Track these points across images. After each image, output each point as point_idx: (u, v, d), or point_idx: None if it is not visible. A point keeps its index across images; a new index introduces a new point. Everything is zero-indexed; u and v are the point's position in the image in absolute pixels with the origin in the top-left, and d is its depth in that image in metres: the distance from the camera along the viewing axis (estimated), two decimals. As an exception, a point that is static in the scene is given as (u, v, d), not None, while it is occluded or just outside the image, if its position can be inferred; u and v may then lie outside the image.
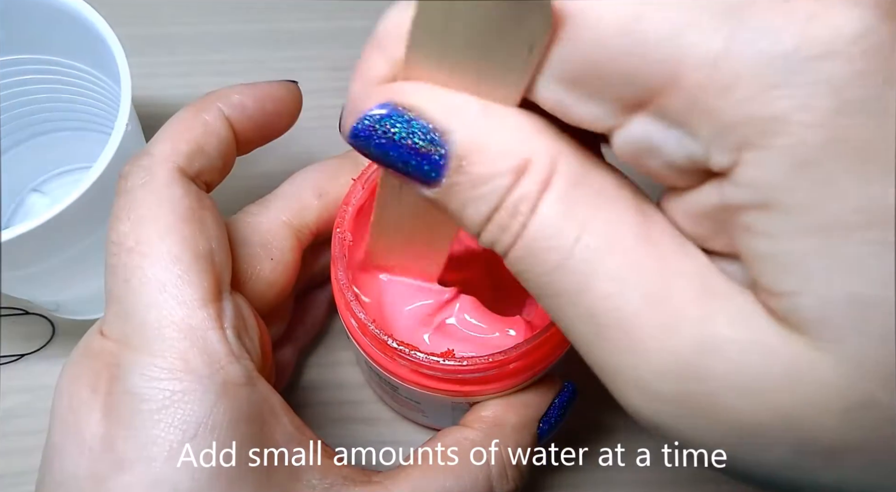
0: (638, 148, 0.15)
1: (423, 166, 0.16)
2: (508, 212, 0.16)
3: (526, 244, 0.16)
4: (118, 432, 0.19)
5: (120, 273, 0.21)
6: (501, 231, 0.16)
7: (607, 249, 0.15)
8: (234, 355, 0.21)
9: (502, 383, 0.24)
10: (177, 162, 0.22)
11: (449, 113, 0.16)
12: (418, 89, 0.16)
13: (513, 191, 0.16)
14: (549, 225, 0.15)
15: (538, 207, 0.16)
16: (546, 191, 0.16)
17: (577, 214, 0.15)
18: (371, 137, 0.17)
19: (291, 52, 0.38)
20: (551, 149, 0.16)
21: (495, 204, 0.16)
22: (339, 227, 0.24)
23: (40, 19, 0.28)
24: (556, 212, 0.15)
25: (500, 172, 0.16)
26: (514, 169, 0.16)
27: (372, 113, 0.16)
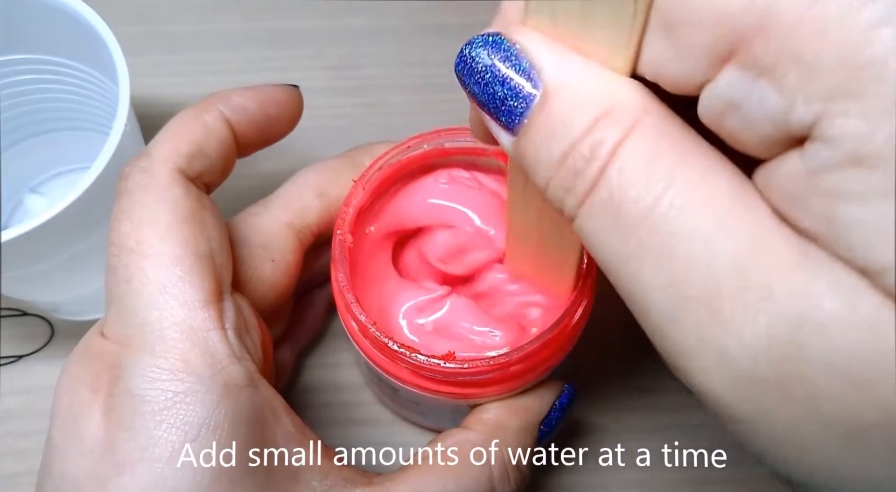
0: (722, 105, 0.14)
1: (510, 101, 0.16)
2: (584, 155, 0.15)
3: (602, 195, 0.14)
4: (119, 434, 0.19)
5: (120, 274, 0.21)
6: (575, 177, 0.15)
7: (697, 206, 0.14)
8: (236, 356, 0.21)
9: (503, 386, 0.24)
10: (177, 163, 0.22)
11: (549, 53, 0.16)
12: (531, 33, 0.16)
13: (592, 132, 0.15)
14: (631, 173, 0.14)
15: (619, 151, 0.14)
16: (630, 136, 0.14)
17: (663, 166, 0.14)
18: (475, 59, 0.16)
19: (291, 51, 0.38)
20: (642, 100, 0.15)
21: (571, 143, 0.15)
22: (339, 228, 0.24)
23: (38, 19, 0.28)
24: (640, 159, 0.14)
25: (583, 112, 0.15)
26: (599, 113, 0.15)
27: (483, 36, 0.16)
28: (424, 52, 0.38)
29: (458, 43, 0.17)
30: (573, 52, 0.16)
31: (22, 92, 0.31)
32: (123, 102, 0.25)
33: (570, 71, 0.15)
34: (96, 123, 0.32)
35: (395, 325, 0.25)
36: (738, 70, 0.14)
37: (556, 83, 0.15)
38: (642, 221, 0.14)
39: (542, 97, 0.15)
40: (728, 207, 0.14)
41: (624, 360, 0.32)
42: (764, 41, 0.13)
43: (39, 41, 0.29)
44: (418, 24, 0.39)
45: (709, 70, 0.14)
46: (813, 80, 0.12)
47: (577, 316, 0.23)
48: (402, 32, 0.39)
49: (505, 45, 0.16)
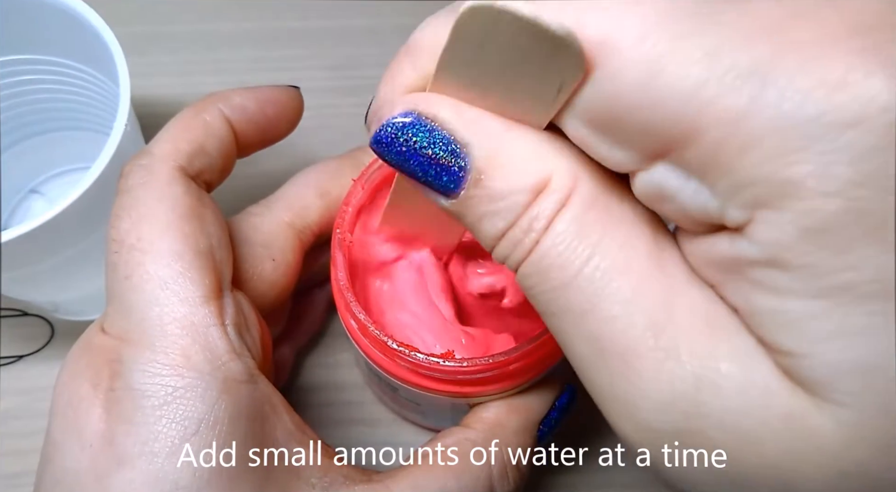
0: (656, 193, 0.15)
1: (442, 178, 0.16)
2: (523, 229, 0.16)
3: (537, 260, 0.16)
4: (119, 428, 0.19)
5: (121, 270, 0.21)
6: (514, 246, 0.16)
7: (617, 271, 0.15)
8: (236, 352, 0.21)
9: (502, 385, 0.24)
10: (177, 161, 0.22)
11: (471, 126, 0.16)
12: (443, 101, 0.16)
13: (530, 208, 0.16)
14: (560, 243, 0.15)
15: (553, 225, 0.16)
16: (563, 210, 0.16)
17: (590, 235, 0.15)
18: (392, 144, 0.17)
19: (291, 51, 0.38)
20: (572, 169, 0.16)
21: (511, 221, 0.16)
22: (338, 227, 0.24)
23: (39, 19, 0.28)
24: (569, 230, 0.15)
25: (518, 189, 0.16)
26: (533, 187, 0.16)
27: (395, 120, 0.17)
28: (424, 52, 0.38)
29: None
30: (493, 118, 0.16)
31: (22, 92, 0.31)
32: (124, 102, 0.26)
33: (500, 143, 0.16)
34: (97, 123, 0.32)
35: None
36: (670, 167, 0.15)
37: (488, 160, 0.16)
38: (568, 284, 0.15)
39: (475, 173, 0.16)
40: (646, 273, 0.15)
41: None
42: (693, 151, 0.14)
43: (40, 41, 0.29)
44: (418, 24, 0.39)
45: (639, 164, 0.15)
46: (741, 191, 0.14)
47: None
48: (402, 32, 0.38)
49: (424, 126, 0.16)
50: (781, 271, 0.14)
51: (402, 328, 0.25)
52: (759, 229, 0.14)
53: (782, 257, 0.13)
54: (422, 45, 0.17)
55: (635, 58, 0.14)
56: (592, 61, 0.14)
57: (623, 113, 0.14)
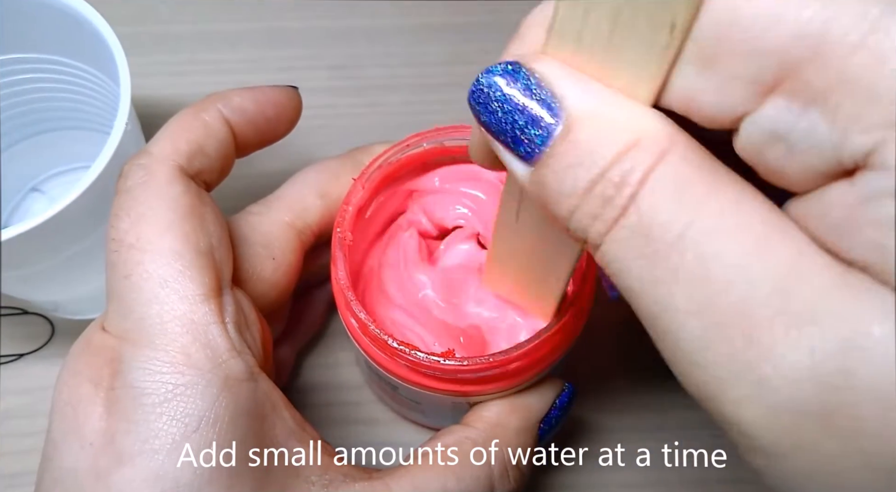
0: (765, 137, 0.14)
1: (531, 130, 0.15)
2: (615, 182, 0.14)
3: (632, 222, 0.14)
4: (119, 426, 0.19)
5: (120, 269, 0.21)
6: (604, 204, 0.14)
7: (730, 231, 0.13)
8: (236, 350, 0.21)
9: (502, 384, 0.24)
10: (177, 161, 0.22)
11: (571, 82, 0.15)
12: (548, 59, 0.16)
13: (622, 159, 0.14)
14: (662, 199, 0.14)
15: (649, 178, 0.14)
16: (659, 164, 0.14)
17: (695, 192, 0.14)
18: (491, 88, 0.16)
19: (291, 51, 0.38)
20: (668, 130, 0.14)
21: (599, 171, 0.14)
22: (339, 227, 0.24)
23: (39, 18, 0.28)
24: (670, 186, 0.14)
25: (610, 140, 0.14)
26: (627, 141, 0.14)
27: (497, 68, 0.16)
28: (424, 52, 0.38)
29: (459, 43, 0.17)
30: (595, 82, 0.15)
31: (23, 91, 0.31)
32: (124, 102, 0.26)
33: (594, 100, 0.15)
34: (97, 123, 0.32)
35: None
36: (785, 100, 0.13)
37: (580, 112, 0.15)
38: (674, 245, 0.14)
39: (565, 127, 0.15)
40: (763, 233, 0.13)
41: (624, 359, 0.32)
42: (816, 69, 0.13)
43: (40, 41, 0.29)
44: (418, 24, 0.39)
45: (751, 102, 0.14)
46: (871, 109, 0.12)
47: (576, 313, 0.23)
48: (402, 32, 0.39)
49: (524, 73, 0.15)
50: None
51: (399, 328, 0.25)
52: (891, 152, 0.12)
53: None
54: (531, 26, 0.16)
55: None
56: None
57: (740, 38, 0.13)
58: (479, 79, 0.16)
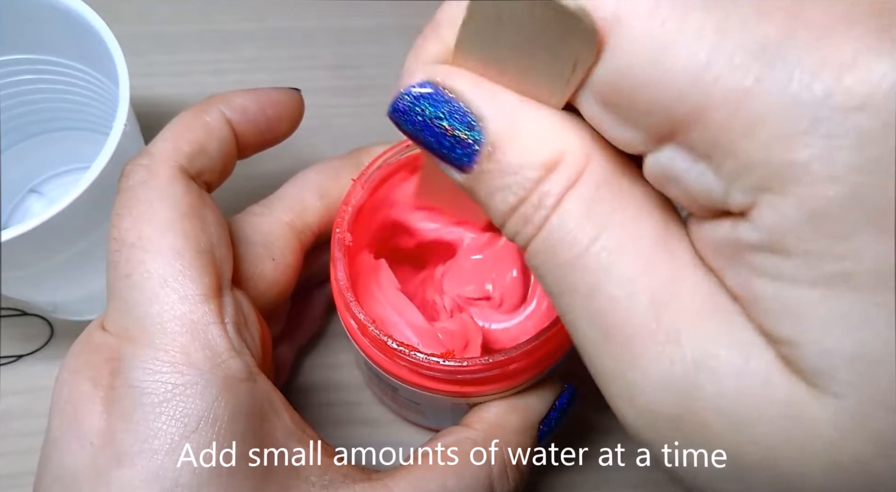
0: (664, 175, 0.15)
1: (456, 150, 0.16)
2: (533, 204, 0.16)
3: (545, 238, 0.16)
4: (119, 426, 0.19)
5: (121, 269, 0.21)
6: (524, 223, 0.16)
7: (623, 251, 0.15)
8: (235, 350, 0.21)
9: (502, 384, 0.24)
10: (178, 161, 0.22)
11: (487, 100, 0.16)
12: (462, 74, 0.16)
13: (541, 184, 0.16)
14: (569, 221, 0.15)
15: (562, 202, 0.15)
16: (573, 188, 0.15)
17: (599, 214, 0.15)
18: (409, 113, 0.17)
19: (291, 51, 0.38)
20: (586, 147, 0.16)
21: (522, 196, 0.16)
22: (338, 227, 0.24)
23: (38, 19, 0.28)
24: (578, 209, 0.15)
25: (530, 165, 0.16)
26: (546, 163, 0.16)
27: (413, 90, 0.17)
28: (424, 52, 0.38)
29: None
30: (509, 93, 0.16)
31: (22, 92, 0.31)
32: (123, 102, 0.25)
33: (513, 118, 0.16)
34: (96, 123, 0.32)
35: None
36: (678, 149, 0.14)
37: (502, 133, 0.16)
38: (575, 263, 0.15)
39: (488, 147, 0.16)
40: (652, 254, 0.15)
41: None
42: (700, 131, 0.14)
43: (39, 41, 0.29)
44: (418, 24, 0.39)
45: (648, 146, 0.15)
46: (744, 174, 0.13)
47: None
48: (402, 32, 0.39)
49: (441, 97, 0.16)
50: (782, 257, 0.13)
51: (387, 327, 0.25)
52: (762, 213, 0.13)
53: (783, 243, 0.13)
54: (444, 19, 0.17)
55: (645, 33, 0.14)
56: (605, 37, 0.14)
57: (633, 90, 0.14)
58: (397, 101, 0.17)
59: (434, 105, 0.16)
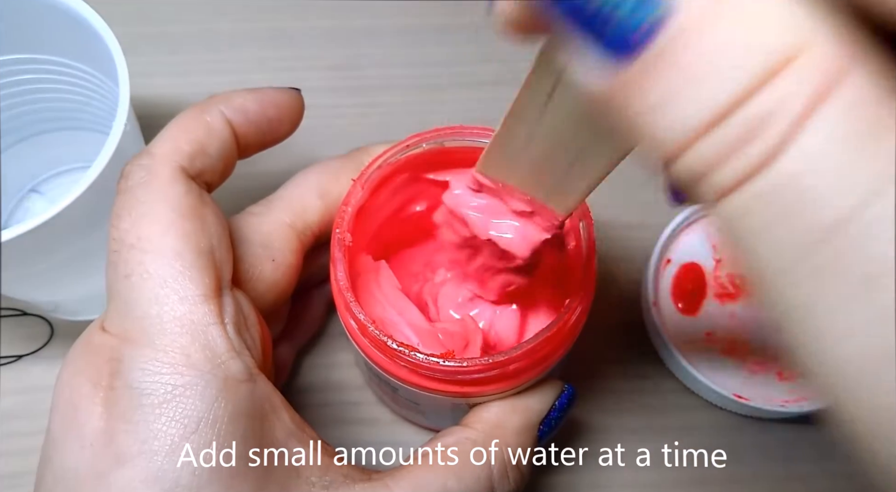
0: None
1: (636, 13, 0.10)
2: (756, 118, 0.10)
3: (775, 182, 0.10)
4: (119, 427, 0.19)
5: (121, 269, 0.21)
6: (733, 150, 0.10)
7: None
8: (235, 351, 0.21)
9: (502, 385, 0.24)
10: (178, 161, 0.22)
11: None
12: None
13: (769, 87, 0.10)
14: (827, 155, 0.10)
15: (810, 122, 0.10)
16: (826, 101, 0.10)
17: (877, 154, 0.10)
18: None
19: (291, 51, 0.38)
20: (845, 42, 0.10)
21: (735, 98, 0.10)
22: (338, 227, 0.24)
23: (38, 19, 0.28)
24: (840, 139, 0.10)
25: (755, 55, 0.10)
26: (780, 58, 0.10)
27: None
28: (424, 52, 0.38)
29: (459, 43, 0.16)
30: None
31: (22, 92, 0.31)
32: (123, 102, 0.25)
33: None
34: (96, 123, 0.32)
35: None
36: None
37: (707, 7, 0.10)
38: (836, 231, 0.10)
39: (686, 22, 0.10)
40: None
41: (624, 360, 0.32)
42: None
43: (40, 41, 0.29)
44: (418, 24, 0.39)
45: None
46: None
47: (575, 314, 0.23)
48: (402, 32, 0.39)
49: None
50: None
51: (387, 327, 0.25)
52: None
53: None
54: None
55: None
56: None
57: None
58: None
59: None
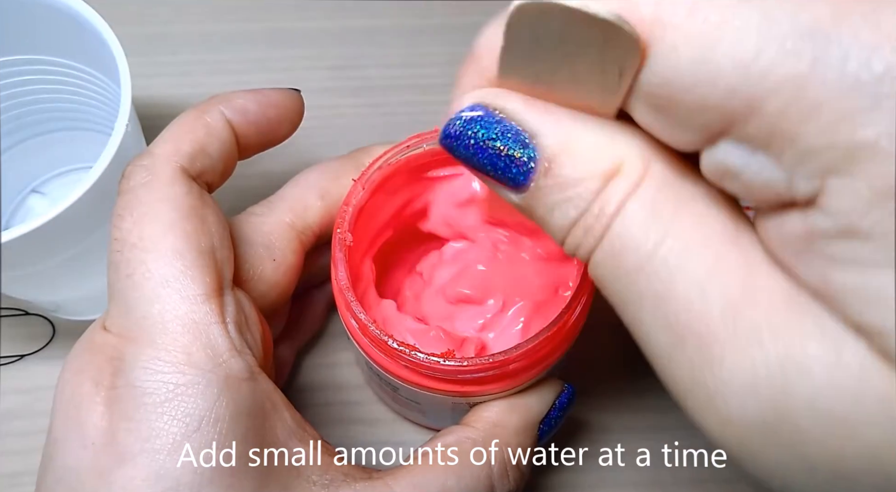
0: (722, 171, 0.15)
1: (511, 170, 0.16)
2: (594, 214, 0.15)
3: (609, 246, 0.15)
4: (121, 425, 0.19)
5: (122, 269, 0.21)
6: (585, 234, 0.16)
7: (692, 252, 0.15)
8: (236, 350, 0.21)
9: (502, 384, 0.24)
10: (179, 162, 0.22)
11: (539, 116, 0.16)
12: (511, 94, 0.16)
13: (602, 194, 0.15)
14: (633, 225, 0.15)
15: (624, 208, 0.15)
16: (634, 193, 0.15)
17: (663, 216, 0.15)
18: (461, 137, 0.17)
19: (291, 51, 0.38)
20: (644, 153, 0.15)
21: (583, 208, 0.15)
22: (339, 227, 0.25)
23: (40, 19, 0.28)
24: (641, 213, 0.15)
25: (589, 176, 0.15)
26: (605, 173, 0.15)
27: (463, 114, 0.17)
28: (424, 52, 0.38)
29: (459, 43, 0.17)
30: (561, 108, 0.16)
31: (23, 92, 0.31)
32: (125, 102, 0.26)
33: (567, 131, 0.16)
34: (98, 123, 0.32)
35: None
36: (733, 144, 0.14)
37: (557, 147, 0.16)
38: (642, 268, 0.15)
39: (544, 162, 0.16)
40: (722, 252, 0.14)
41: (624, 360, 0.32)
42: (756, 124, 0.13)
43: (40, 41, 0.29)
44: (418, 24, 0.39)
45: (702, 143, 0.15)
46: (808, 160, 0.13)
47: (575, 314, 0.23)
48: (402, 32, 0.39)
49: (492, 118, 0.16)
50: (859, 242, 0.13)
51: (386, 326, 0.26)
52: (831, 198, 0.13)
53: (858, 226, 0.13)
54: (483, 50, 0.17)
55: (687, 33, 0.13)
56: (647, 42, 0.14)
57: (682, 91, 0.14)
58: (448, 126, 0.17)
59: (486, 127, 0.16)
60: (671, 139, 0.15)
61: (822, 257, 0.13)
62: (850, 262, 0.13)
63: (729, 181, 0.15)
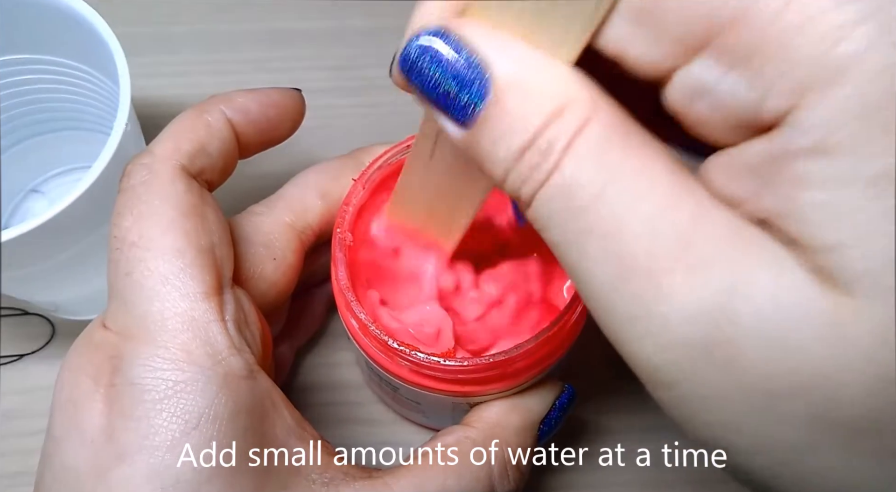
0: (692, 91, 0.15)
1: (461, 97, 0.16)
2: (541, 150, 0.15)
3: (556, 184, 0.15)
4: (120, 423, 0.19)
5: (122, 267, 0.21)
6: (531, 170, 0.16)
7: (642, 190, 0.15)
8: (236, 348, 0.21)
9: (503, 384, 0.24)
10: (179, 160, 0.22)
11: (496, 47, 0.16)
12: (473, 22, 0.16)
13: (549, 128, 0.15)
14: (583, 164, 0.15)
15: (573, 145, 0.15)
16: (582, 132, 0.15)
17: (612, 156, 0.15)
18: (419, 59, 0.17)
19: (291, 52, 0.38)
20: (593, 97, 0.16)
21: (528, 140, 0.15)
22: (339, 227, 0.25)
23: (39, 19, 0.28)
24: (591, 151, 0.15)
25: (537, 110, 0.15)
26: (553, 110, 0.15)
27: (423, 36, 0.17)
28: (425, 52, 0.38)
29: None
30: (519, 43, 0.16)
31: (23, 92, 0.31)
32: (124, 102, 0.26)
33: (520, 66, 0.16)
34: (97, 123, 0.32)
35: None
36: (711, 59, 0.14)
37: (508, 79, 0.16)
38: (591, 204, 0.15)
39: (495, 93, 0.16)
40: (670, 190, 0.15)
41: (624, 360, 0.32)
42: (740, 33, 0.13)
43: (40, 41, 0.29)
44: (418, 24, 0.39)
45: (679, 58, 0.15)
46: (788, 73, 0.13)
47: (576, 314, 0.23)
48: (402, 32, 0.39)
49: (451, 39, 0.16)
50: (830, 158, 0.13)
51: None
52: (808, 113, 0.13)
53: (832, 141, 0.13)
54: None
55: None
56: None
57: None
58: (408, 45, 0.17)
59: (443, 48, 0.16)
60: (647, 55, 0.15)
61: (788, 179, 0.14)
62: (818, 179, 0.13)
63: (697, 102, 0.15)
